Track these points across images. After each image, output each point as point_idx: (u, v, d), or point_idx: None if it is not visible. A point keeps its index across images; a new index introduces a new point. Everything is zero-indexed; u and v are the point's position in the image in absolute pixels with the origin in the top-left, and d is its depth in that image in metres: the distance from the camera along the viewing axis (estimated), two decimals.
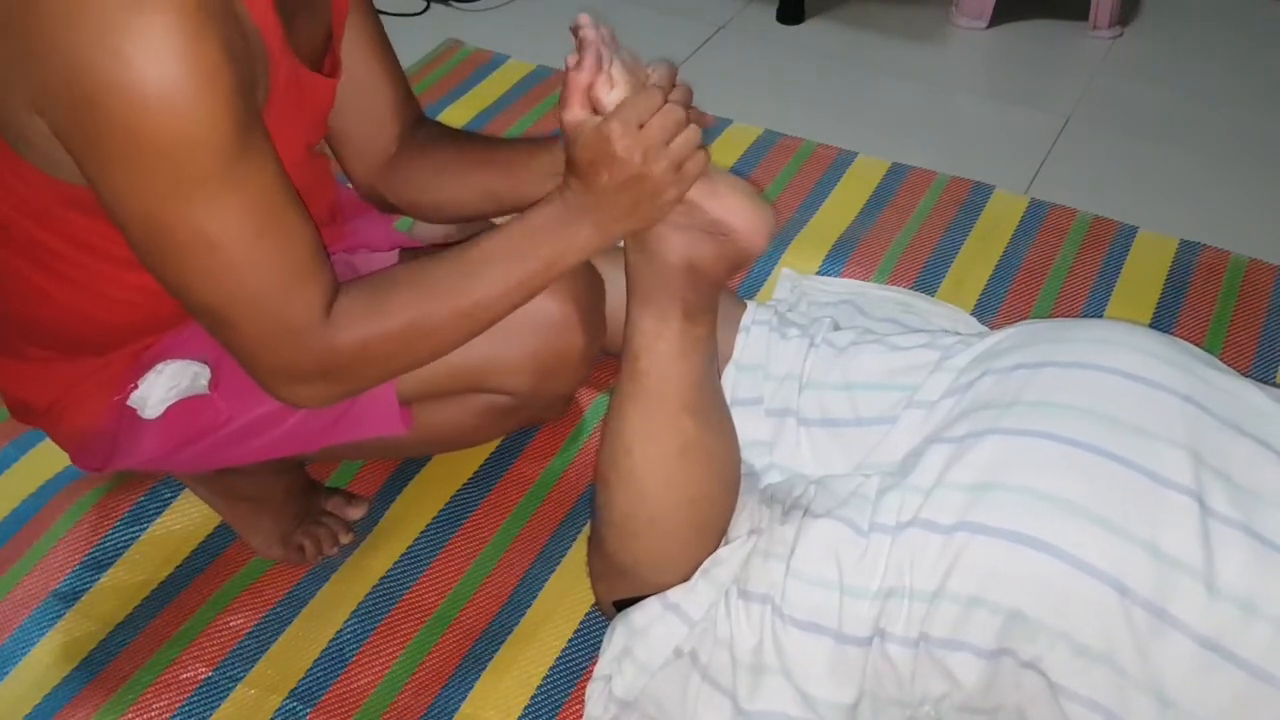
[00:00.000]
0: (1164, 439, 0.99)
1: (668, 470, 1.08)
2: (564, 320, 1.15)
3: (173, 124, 0.80)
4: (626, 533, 1.12)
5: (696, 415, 1.09)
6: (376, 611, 1.31)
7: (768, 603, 1.06)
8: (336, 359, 0.95)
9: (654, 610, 1.11)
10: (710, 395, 1.12)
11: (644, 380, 1.08)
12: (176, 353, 1.10)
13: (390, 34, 1.21)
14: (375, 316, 0.96)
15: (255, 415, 1.11)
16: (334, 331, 0.94)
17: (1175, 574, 0.93)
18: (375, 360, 0.98)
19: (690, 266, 1.05)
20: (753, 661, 1.07)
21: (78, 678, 1.25)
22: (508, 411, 1.25)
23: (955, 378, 1.15)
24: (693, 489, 1.10)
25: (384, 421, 1.15)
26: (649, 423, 1.08)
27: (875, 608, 1.01)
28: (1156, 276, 1.77)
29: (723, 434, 1.14)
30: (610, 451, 1.11)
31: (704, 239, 1.03)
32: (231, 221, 0.86)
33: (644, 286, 1.07)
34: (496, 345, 1.14)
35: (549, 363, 1.17)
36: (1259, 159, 2.06)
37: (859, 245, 1.81)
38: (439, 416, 1.22)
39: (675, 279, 1.05)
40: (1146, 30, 2.44)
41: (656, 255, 1.05)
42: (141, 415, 1.09)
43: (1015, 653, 0.97)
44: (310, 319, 0.93)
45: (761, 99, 2.21)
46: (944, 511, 1.00)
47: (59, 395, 1.12)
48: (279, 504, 1.34)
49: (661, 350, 1.07)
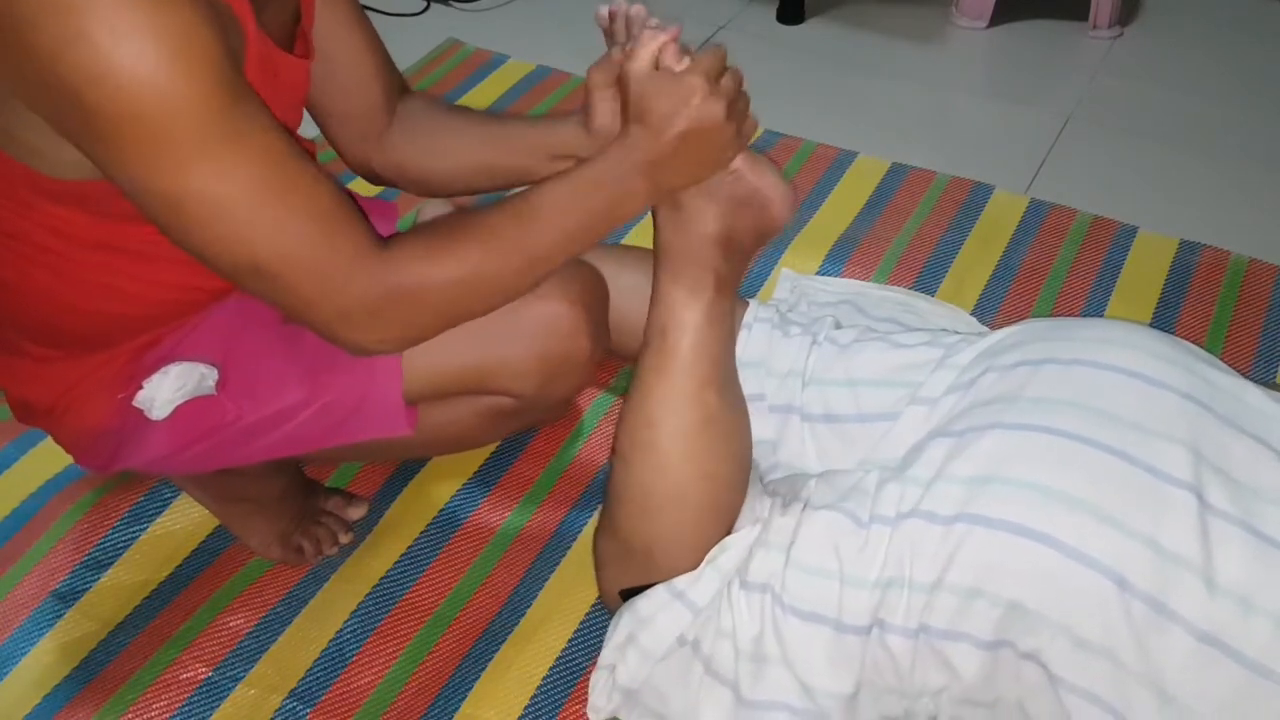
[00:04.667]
0: (1164, 435, 0.99)
1: (689, 444, 1.09)
2: (571, 323, 1.16)
3: (153, 97, 0.79)
4: (642, 510, 1.12)
5: (720, 391, 1.10)
6: (376, 611, 1.31)
7: (768, 592, 1.06)
8: (394, 299, 0.94)
9: (661, 597, 1.11)
10: (732, 372, 1.14)
11: (672, 354, 1.09)
12: (183, 354, 1.10)
13: (390, 34, 1.21)
14: (435, 259, 0.95)
15: (262, 415, 1.11)
16: (392, 270, 0.93)
17: (1175, 569, 0.93)
18: (436, 303, 0.97)
19: (726, 236, 1.07)
20: (754, 651, 1.07)
21: (78, 678, 1.25)
22: (511, 414, 1.25)
23: (958, 375, 1.15)
24: (711, 465, 1.10)
25: (390, 422, 1.14)
26: (673, 396, 1.09)
27: (875, 598, 1.02)
28: (1156, 276, 1.77)
29: (741, 413, 1.15)
30: (631, 426, 1.11)
31: (739, 209, 1.07)
32: (242, 180, 0.85)
33: (677, 260, 1.09)
34: (503, 347, 1.14)
35: (555, 365, 1.17)
36: (1259, 159, 2.06)
37: (859, 245, 1.81)
38: (443, 417, 1.22)
39: (710, 249, 1.07)
40: (1146, 30, 2.44)
41: (693, 226, 1.07)
42: (149, 416, 1.09)
43: (1015, 644, 0.98)
44: (358, 257, 0.91)
45: (761, 99, 2.19)
46: (944, 503, 1.01)
47: (61, 394, 1.12)
48: (274, 505, 1.34)
49: (691, 323, 1.08)
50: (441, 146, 1.19)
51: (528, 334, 1.14)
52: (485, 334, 1.11)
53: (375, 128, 1.19)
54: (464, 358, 1.14)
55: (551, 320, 1.15)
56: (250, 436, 1.12)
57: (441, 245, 0.95)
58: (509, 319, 1.11)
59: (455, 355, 1.13)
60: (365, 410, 1.13)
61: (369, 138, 1.19)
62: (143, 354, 1.10)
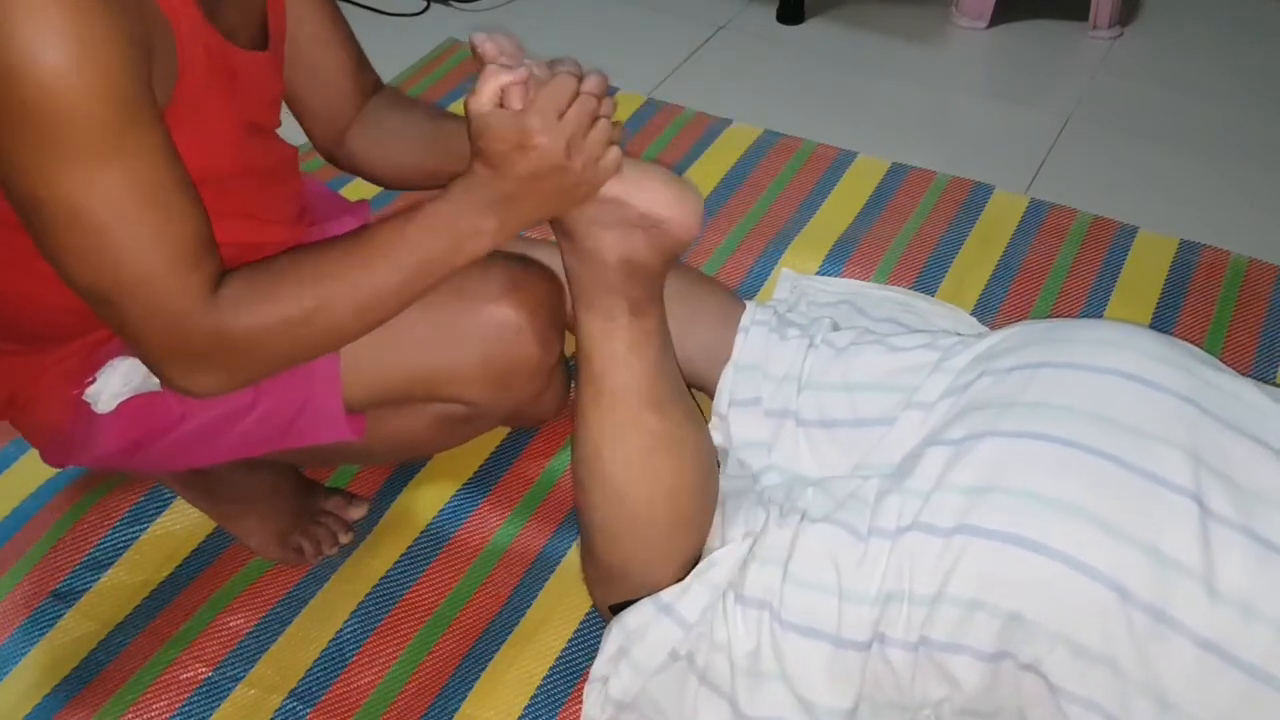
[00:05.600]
0: (1163, 440, 0.99)
1: (640, 468, 1.09)
2: (516, 330, 1.13)
3: (45, 96, 0.79)
4: (610, 535, 1.12)
5: (658, 409, 1.09)
6: (376, 611, 1.31)
7: (765, 608, 1.06)
8: (224, 345, 0.93)
9: (648, 612, 1.11)
10: (671, 386, 1.12)
11: (601, 383, 1.08)
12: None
13: (390, 34, 1.21)
14: (266, 303, 0.93)
15: (209, 417, 1.10)
16: (222, 316, 0.91)
17: (1175, 576, 0.93)
18: (267, 348, 0.95)
19: (626, 262, 1.05)
20: (750, 666, 1.07)
21: (78, 678, 1.25)
22: (464, 420, 1.24)
23: (954, 379, 1.15)
24: (668, 481, 1.10)
25: (332, 428, 1.13)
26: (613, 424, 1.09)
27: (874, 612, 1.01)
28: (1156, 276, 1.77)
29: (688, 423, 1.13)
30: (581, 457, 1.11)
31: (635, 233, 1.04)
32: (107, 199, 0.84)
33: (585, 289, 1.07)
34: (447, 354, 1.13)
35: (502, 372, 1.15)
36: (1259, 159, 2.06)
37: (859, 245, 1.81)
38: (395, 425, 1.21)
39: (614, 277, 1.05)
40: (1146, 30, 2.44)
41: (592, 257, 1.05)
42: (95, 409, 1.08)
43: (1015, 655, 0.97)
44: (195, 304, 0.90)
45: (761, 99, 2.21)
46: (943, 515, 1.00)
47: (20, 388, 1.12)
48: (264, 504, 1.34)
49: (613, 350, 1.07)
50: (391, 146, 1.19)
51: (471, 341, 1.12)
52: (429, 341, 1.11)
53: (342, 121, 1.19)
54: (407, 366, 1.12)
55: (496, 326, 1.12)
56: (203, 438, 1.12)
57: (270, 288, 0.93)
58: (453, 326, 1.11)
59: (398, 363, 1.12)
60: (307, 416, 1.12)
61: (336, 130, 1.20)
62: (97, 350, 1.10)
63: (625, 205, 1.02)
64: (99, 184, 0.84)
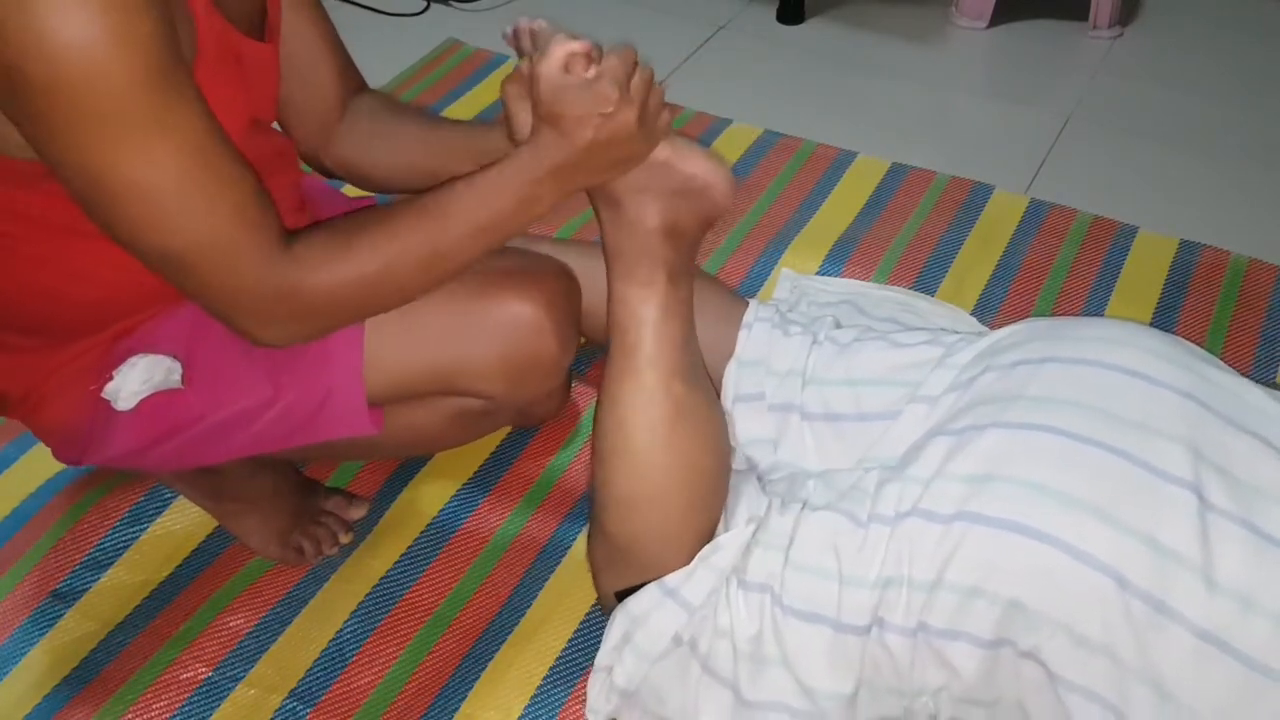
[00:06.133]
0: (1164, 434, 0.99)
1: (664, 440, 1.09)
2: (536, 325, 1.14)
3: (87, 71, 0.79)
4: (629, 509, 1.12)
5: (686, 380, 1.11)
6: (376, 611, 1.31)
7: (767, 592, 1.06)
8: (301, 300, 0.95)
9: (653, 596, 1.11)
10: (696, 361, 1.14)
11: (635, 352, 1.10)
12: (148, 347, 1.10)
13: (390, 34, 1.21)
14: (341, 258, 0.95)
15: (227, 414, 1.10)
16: (297, 271, 0.93)
17: (1174, 567, 0.93)
18: (342, 304, 0.98)
19: (671, 227, 1.08)
20: (753, 651, 1.07)
21: (78, 678, 1.25)
22: (481, 415, 1.25)
23: (958, 373, 1.15)
24: (688, 457, 1.11)
25: (354, 422, 1.14)
26: (641, 392, 1.10)
27: (874, 597, 1.02)
28: (1156, 276, 1.77)
29: (711, 402, 1.15)
30: (605, 429, 1.12)
31: (678, 199, 1.07)
32: (163, 166, 0.85)
33: (626, 258, 1.09)
34: (467, 347, 1.14)
35: (520, 367, 1.16)
36: (1259, 159, 2.06)
37: (859, 245, 1.81)
38: (412, 419, 1.22)
39: (656, 242, 1.08)
40: (1146, 30, 2.44)
41: (637, 223, 1.07)
42: (115, 407, 1.09)
43: (1014, 643, 0.98)
44: (267, 258, 0.92)
45: (761, 99, 2.21)
46: (943, 502, 1.01)
47: (35, 385, 1.12)
48: (267, 503, 1.34)
49: (649, 318, 1.09)
50: (380, 147, 1.19)
51: (491, 335, 1.13)
52: (449, 335, 1.12)
53: (328, 123, 1.19)
54: (427, 359, 1.13)
55: (516, 321, 1.14)
56: (219, 435, 1.12)
57: (346, 243, 0.96)
58: (473, 319, 1.12)
59: (419, 356, 1.13)
60: (328, 410, 1.13)
61: (321, 133, 1.20)
62: (114, 345, 1.10)
63: (672, 170, 1.05)
64: (155, 151, 0.84)
